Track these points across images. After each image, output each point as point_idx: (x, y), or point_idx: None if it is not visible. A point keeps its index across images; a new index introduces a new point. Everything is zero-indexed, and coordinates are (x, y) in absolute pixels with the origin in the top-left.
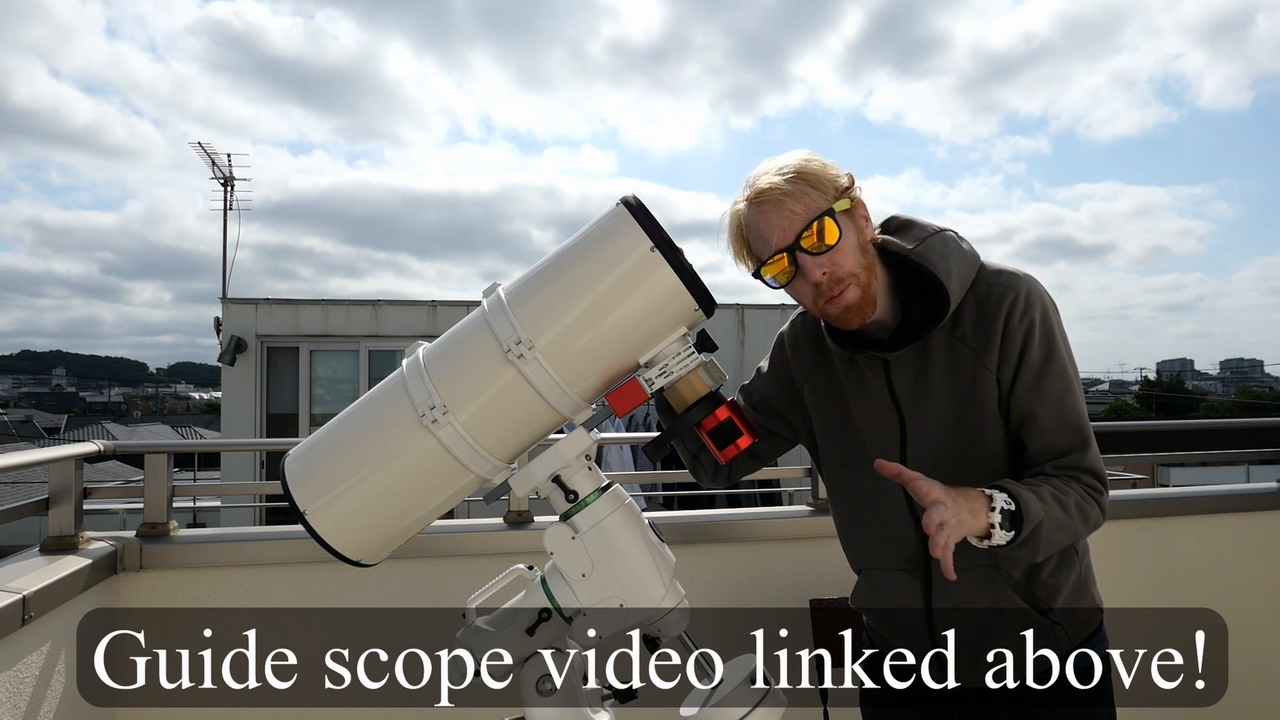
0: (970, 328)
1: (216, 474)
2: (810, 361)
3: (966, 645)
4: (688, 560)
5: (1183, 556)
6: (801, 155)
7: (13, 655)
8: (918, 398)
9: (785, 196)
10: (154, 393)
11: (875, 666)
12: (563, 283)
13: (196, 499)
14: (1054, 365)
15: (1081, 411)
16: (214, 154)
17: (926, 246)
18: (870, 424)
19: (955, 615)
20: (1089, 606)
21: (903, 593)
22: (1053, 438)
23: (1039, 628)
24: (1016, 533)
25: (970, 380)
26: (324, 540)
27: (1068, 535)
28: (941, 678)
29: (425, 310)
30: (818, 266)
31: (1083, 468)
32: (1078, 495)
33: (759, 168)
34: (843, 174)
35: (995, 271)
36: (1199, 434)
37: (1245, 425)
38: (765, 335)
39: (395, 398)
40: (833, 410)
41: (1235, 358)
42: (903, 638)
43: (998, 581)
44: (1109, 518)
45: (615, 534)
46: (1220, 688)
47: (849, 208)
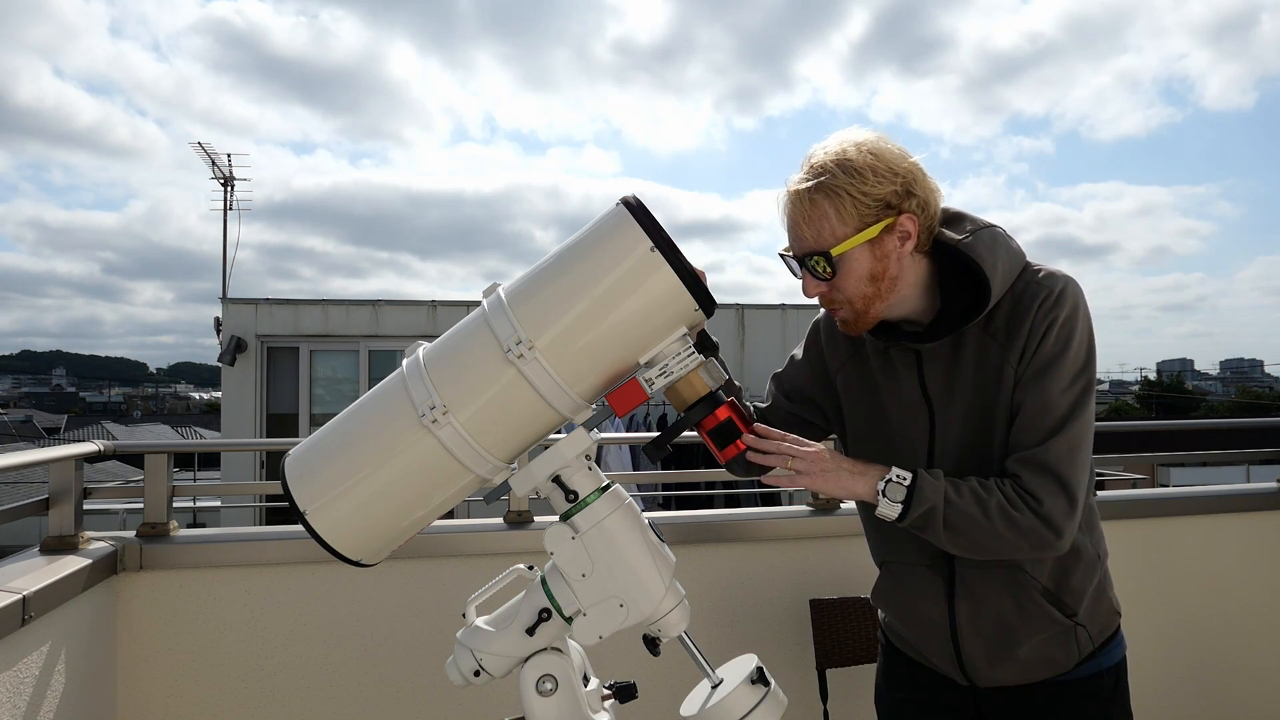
0: (1002, 324)
1: (216, 474)
2: (844, 351)
3: (988, 645)
4: (688, 560)
5: (1183, 556)
6: (849, 154)
7: (13, 655)
8: (948, 392)
9: (799, 217)
10: (154, 393)
11: (891, 664)
12: (563, 283)
13: (196, 499)
14: (1060, 365)
15: (1068, 417)
16: (214, 154)
17: (976, 239)
18: (901, 416)
19: (977, 615)
20: (1108, 609)
21: (924, 589)
22: (1023, 432)
23: (1062, 629)
24: (905, 509)
25: (996, 376)
26: (324, 540)
27: (992, 539)
28: (961, 677)
29: (425, 310)
30: (814, 286)
31: (1037, 462)
32: (1000, 499)
33: (815, 150)
34: (892, 187)
35: (1037, 270)
36: (1199, 434)
37: (1245, 425)
38: (765, 335)
39: (395, 398)
40: (864, 401)
41: (1235, 358)
42: (922, 635)
43: (1022, 582)
44: (1109, 518)
45: (615, 534)
46: (1220, 687)
47: (873, 235)
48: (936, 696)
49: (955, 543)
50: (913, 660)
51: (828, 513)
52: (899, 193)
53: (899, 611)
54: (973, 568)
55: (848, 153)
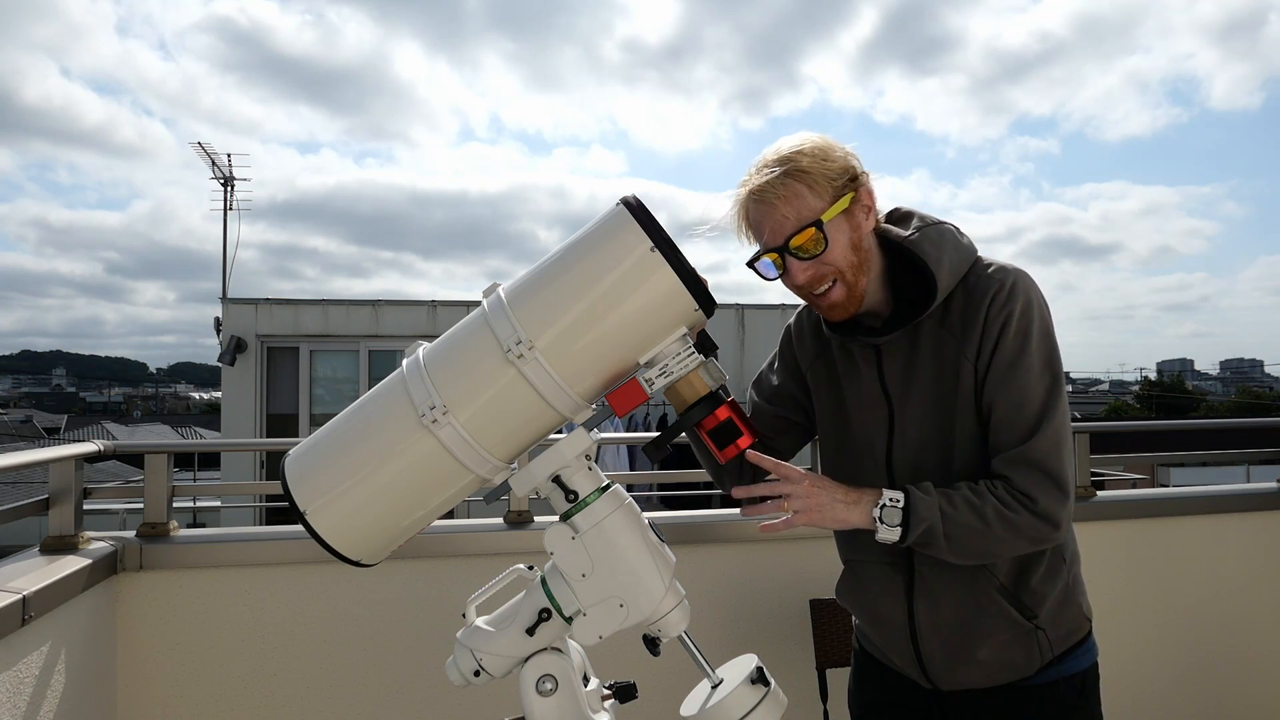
0: (957, 318)
1: (216, 474)
2: (811, 350)
3: (947, 646)
4: (688, 560)
5: (1183, 556)
6: (810, 145)
7: (13, 655)
8: (906, 387)
9: (777, 200)
10: (154, 393)
11: (861, 666)
12: (563, 283)
13: (196, 499)
14: (1025, 360)
15: (1045, 409)
16: (214, 154)
17: (922, 236)
18: (861, 412)
19: (936, 613)
20: (1075, 615)
21: (884, 587)
22: (1004, 431)
23: (1022, 632)
24: (904, 530)
25: (953, 370)
26: (324, 540)
27: (994, 543)
28: (923, 679)
29: (425, 310)
30: (803, 270)
31: (1027, 462)
32: (995, 503)
33: (766, 152)
34: (851, 165)
35: (988, 265)
36: (1199, 434)
37: (1245, 425)
38: (765, 335)
39: (395, 398)
40: (829, 398)
41: (1235, 358)
42: (884, 635)
43: (981, 581)
44: (1109, 518)
45: (615, 534)
46: (1220, 687)
47: (845, 206)
48: (902, 699)
49: (957, 553)
50: (880, 663)
51: None
52: (850, 175)
53: (861, 611)
54: (932, 566)
55: (798, 145)
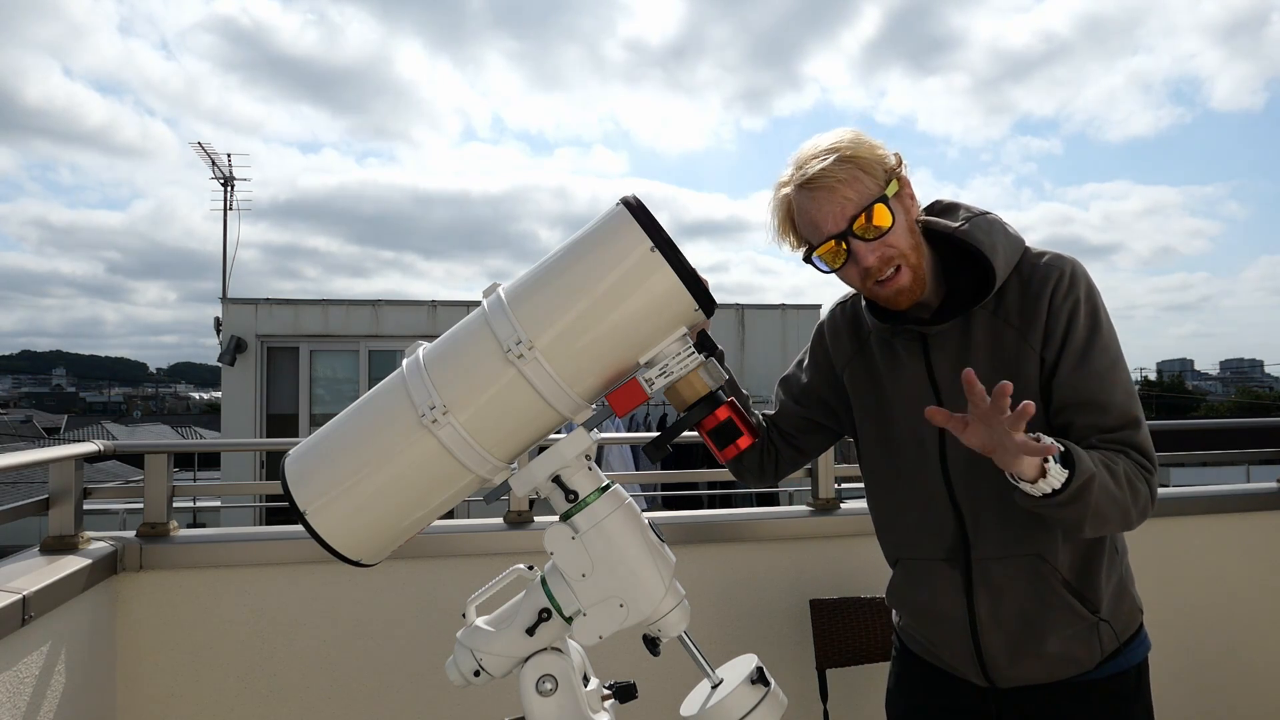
0: (1014, 307)
1: (216, 474)
2: (848, 349)
3: (1009, 640)
4: (688, 560)
5: (1182, 557)
6: (850, 135)
7: (13, 655)
8: (959, 378)
9: (838, 184)
10: (154, 393)
11: (904, 669)
12: (563, 283)
13: (196, 499)
14: (1098, 343)
15: (1129, 390)
16: (214, 154)
17: (973, 226)
18: (908, 407)
19: (998, 607)
20: (1130, 607)
21: (942, 584)
22: (1099, 415)
23: (1086, 626)
24: (1071, 474)
25: (1014, 359)
26: (324, 540)
27: (1117, 509)
28: (980, 677)
29: (425, 310)
30: (870, 252)
31: (1132, 444)
32: (1126, 466)
33: (806, 148)
34: (890, 153)
35: (1040, 253)
36: (1199, 434)
37: (1245, 425)
38: (765, 335)
39: (395, 398)
40: (870, 396)
41: (1235, 358)
42: (940, 633)
43: (1043, 573)
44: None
45: (615, 534)
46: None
47: (897, 190)
48: (953, 701)
49: (1092, 516)
50: (928, 664)
51: (828, 513)
52: (894, 164)
53: (915, 609)
54: (992, 559)
55: (839, 137)
